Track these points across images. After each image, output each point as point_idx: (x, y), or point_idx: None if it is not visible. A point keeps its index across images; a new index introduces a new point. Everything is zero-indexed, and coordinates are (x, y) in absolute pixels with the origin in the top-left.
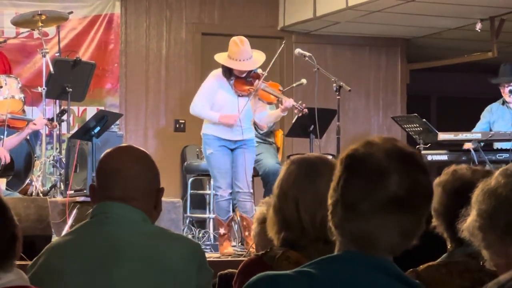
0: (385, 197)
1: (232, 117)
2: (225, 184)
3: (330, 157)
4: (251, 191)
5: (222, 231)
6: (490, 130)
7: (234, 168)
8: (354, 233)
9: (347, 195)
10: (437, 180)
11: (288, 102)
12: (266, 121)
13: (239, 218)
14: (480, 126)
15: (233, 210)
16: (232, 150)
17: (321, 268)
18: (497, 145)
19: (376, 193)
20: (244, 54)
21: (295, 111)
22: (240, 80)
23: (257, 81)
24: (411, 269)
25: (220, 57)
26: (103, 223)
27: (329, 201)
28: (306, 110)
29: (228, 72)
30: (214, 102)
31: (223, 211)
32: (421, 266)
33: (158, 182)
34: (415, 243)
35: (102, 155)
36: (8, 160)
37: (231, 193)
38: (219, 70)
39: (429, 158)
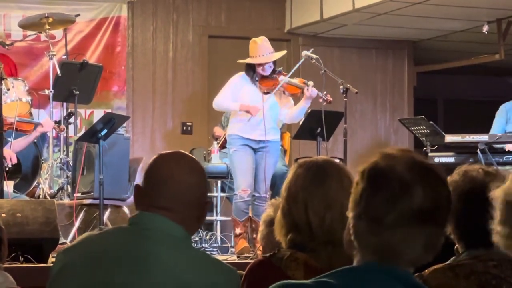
0: (410, 210)
1: (253, 106)
2: (246, 184)
3: (337, 160)
4: (267, 195)
5: (238, 231)
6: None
7: (255, 171)
8: (379, 246)
9: (372, 208)
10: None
11: (312, 90)
12: (291, 116)
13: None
14: (498, 125)
15: None
16: (255, 150)
17: (340, 279)
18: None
19: (402, 206)
20: (263, 49)
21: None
22: (265, 78)
23: (282, 76)
24: (417, 274)
25: (243, 60)
26: (142, 236)
27: (351, 215)
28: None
29: (251, 71)
30: (239, 98)
31: (241, 213)
32: (426, 270)
33: (206, 195)
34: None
35: (155, 158)
36: (14, 161)
37: (251, 195)
38: (243, 72)
39: (436, 160)
